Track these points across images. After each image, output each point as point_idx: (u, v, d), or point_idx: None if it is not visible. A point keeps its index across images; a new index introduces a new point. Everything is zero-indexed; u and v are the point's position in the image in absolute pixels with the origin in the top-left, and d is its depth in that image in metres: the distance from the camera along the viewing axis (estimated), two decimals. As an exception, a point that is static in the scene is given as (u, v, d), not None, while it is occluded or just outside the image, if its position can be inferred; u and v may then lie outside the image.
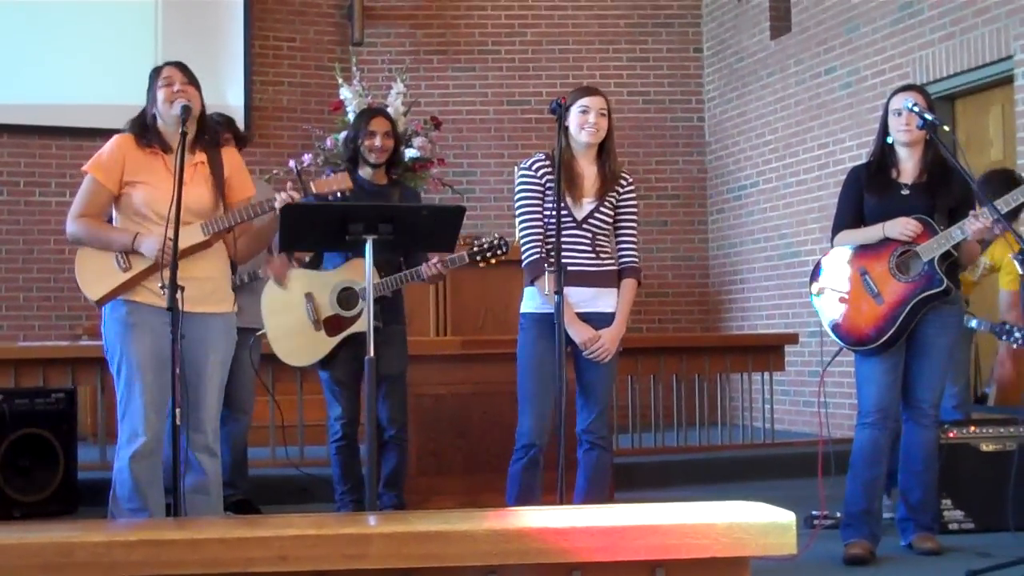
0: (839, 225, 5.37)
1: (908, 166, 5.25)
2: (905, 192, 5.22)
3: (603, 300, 5.09)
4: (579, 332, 5.00)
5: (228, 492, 5.93)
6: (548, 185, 5.04)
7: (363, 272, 4.84)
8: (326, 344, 5.65)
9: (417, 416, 6.46)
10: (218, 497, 4.70)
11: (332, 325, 5.65)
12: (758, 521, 2.69)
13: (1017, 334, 5.37)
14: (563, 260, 4.90)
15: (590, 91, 5.10)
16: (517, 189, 5.16)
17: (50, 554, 2.66)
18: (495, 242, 5.55)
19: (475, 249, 5.52)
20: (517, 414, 5.16)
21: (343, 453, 5.76)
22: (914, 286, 5.12)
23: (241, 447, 6.26)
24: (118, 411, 4.61)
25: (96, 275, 4.62)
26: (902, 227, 5.12)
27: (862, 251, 5.24)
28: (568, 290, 4.94)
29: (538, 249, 5.04)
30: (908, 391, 5.31)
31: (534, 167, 5.10)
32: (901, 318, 5.12)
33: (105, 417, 7.26)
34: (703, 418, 8.32)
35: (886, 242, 5.17)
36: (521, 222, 5.13)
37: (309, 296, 5.68)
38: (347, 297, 5.64)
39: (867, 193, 5.28)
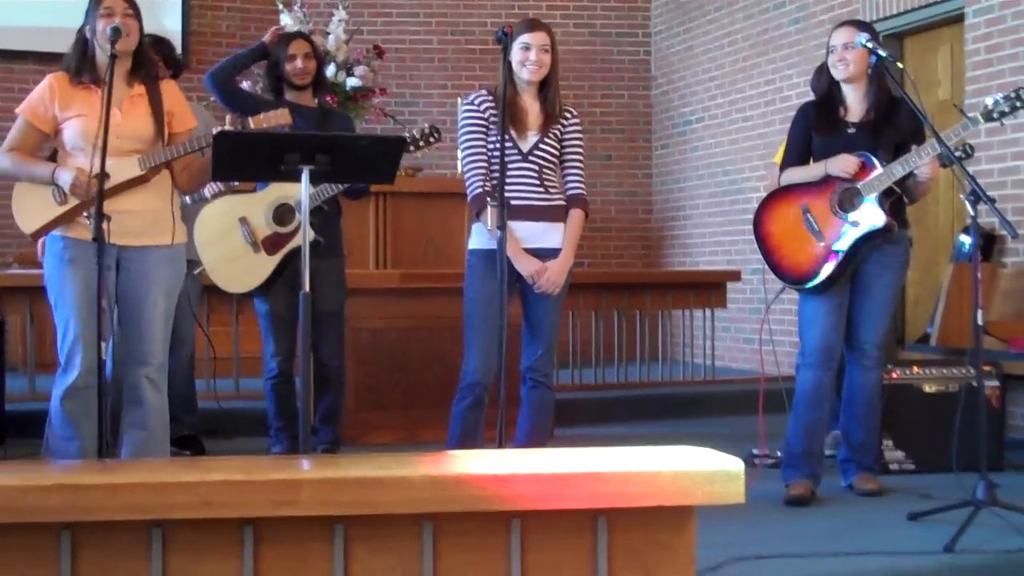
0: (786, 163, 5.29)
1: (854, 104, 5.16)
2: (851, 130, 5.13)
3: (551, 235, 5.00)
4: (526, 265, 4.91)
5: (179, 427, 5.84)
6: (492, 119, 4.93)
7: (294, 187, 4.71)
8: (268, 264, 5.55)
9: (355, 351, 6.36)
10: (163, 432, 4.59)
11: (271, 244, 5.53)
12: (705, 469, 2.60)
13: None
14: (510, 195, 4.83)
15: (533, 26, 4.97)
16: (461, 124, 5.05)
17: (-40, 499, 2.52)
18: (426, 129, 5.54)
19: (408, 140, 5.43)
20: (457, 350, 5.06)
21: (279, 390, 5.66)
22: (856, 224, 5.04)
23: (184, 379, 6.12)
24: (58, 345, 4.52)
25: (31, 208, 4.53)
26: (843, 164, 5.03)
27: (805, 189, 5.16)
28: (515, 225, 4.86)
29: (482, 183, 4.93)
30: (851, 332, 5.25)
31: (477, 102, 5.00)
32: (844, 256, 5.04)
33: (35, 347, 7.11)
34: (644, 354, 8.27)
35: (829, 180, 5.09)
36: (465, 157, 5.03)
37: (243, 220, 5.54)
38: (283, 213, 5.53)
39: (814, 132, 5.20)
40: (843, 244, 5.05)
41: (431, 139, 5.56)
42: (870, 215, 5.01)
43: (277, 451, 5.66)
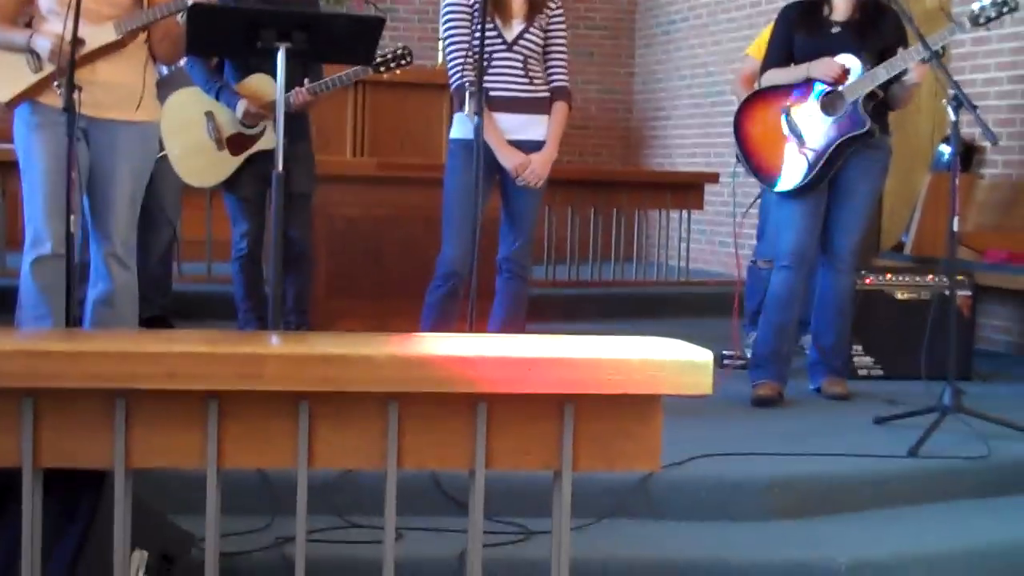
0: (767, 64, 5.24)
1: (840, 3, 5.09)
2: (835, 30, 5.08)
3: (534, 127, 4.96)
4: (509, 157, 4.87)
5: (148, 307, 5.77)
6: (476, 8, 4.86)
7: (265, 90, 4.61)
8: (230, 163, 5.47)
9: (328, 237, 6.32)
10: (131, 310, 4.56)
11: (235, 143, 5.45)
12: (674, 359, 2.58)
13: None
14: (493, 85, 4.79)
15: None
16: (443, 13, 5.00)
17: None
18: (398, 51, 5.45)
19: (378, 60, 5.34)
20: (431, 241, 5.04)
21: (247, 270, 5.60)
22: (837, 127, 5.00)
23: (161, 260, 6.06)
24: (24, 216, 4.46)
25: (6, 76, 4.41)
26: (826, 67, 4.98)
27: (786, 91, 5.11)
28: (499, 116, 4.84)
29: (463, 74, 4.87)
30: (827, 236, 5.24)
31: None
32: (823, 160, 5.01)
33: (6, 223, 7.03)
34: (619, 254, 8.24)
35: (811, 82, 5.04)
36: (447, 47, 4.98)
37: (209, 115, 5.47)
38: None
39: (796, 32, 5.14)
40: (825, 148, 5.01)
41: (403, 61, 5.47)
42: (853, 119, 4.97)
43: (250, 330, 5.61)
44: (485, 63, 4.72)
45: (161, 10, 4.40)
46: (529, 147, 4.94)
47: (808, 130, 5.03)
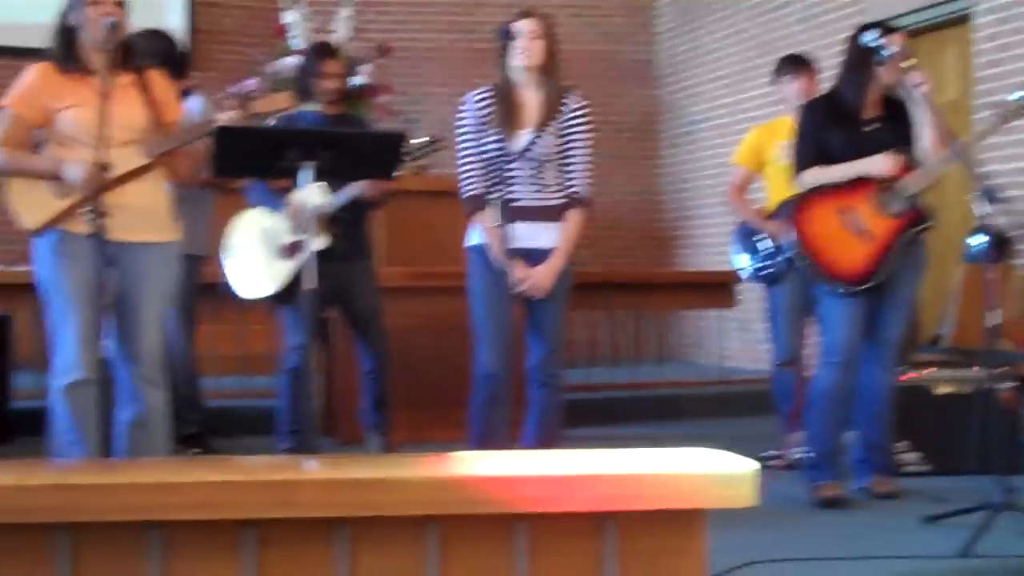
0: (803, 162, 5.16)
1: (869, 101, 5.09)
2: (870, 128, 5.06)
3: (546, 235, 4.92)
4: (512, 272, 4.85)
5: (184, 425, 5.77)
6: (488, 117, 4.88)
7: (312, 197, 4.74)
8: (285, 268, 5.52)
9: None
10: (164, 430, 4.50)
11: (290, 250, 5.51)
12: (717, 471, 2.53)
13: None
14: (506, 194, 4.80)
15: (522, 14, 4.97)
16: (455, 126, 5.02)
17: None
18: (425, 140, 5.49)
19: (407, 150, 5.38)
20: (463, 348, 5.02)
21: (296, 383, 5.48)
22: (902, 222, 4.99)
23: (185, 377, 6.04)
24: (52, 343, 4.43)
25: (35, 203, 4.39)
26: (882, 163, 4.97)
27: (837, 190, 5.07)
28: (511, 225, 4.82)
29: (473, 185, 4.89)
30: (874, 330, 5.18)
31: (475, 99, 4.97)
32: (892, 255, 5.00)
33: (42, 345, 7.04)
34: (654, 354, 8.20)
35: (861, 179, 5.03)
36: (459, 159, 4.99)
37: (266, 230, 5.60)
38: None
39: (829, 129, 5.10)
40: (894, 243, 5.01)
41: (429, 149, 5.50)
42: (917, 212, 4.99)
43: (285, 447, 5.57)
44: (498, 171, 4.76)
45: (190, 132, 4.42)
46: (540, 256, 4.91)
47: (875, 226, 5.01)
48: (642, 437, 6.63)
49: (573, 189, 4.96)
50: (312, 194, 5.33)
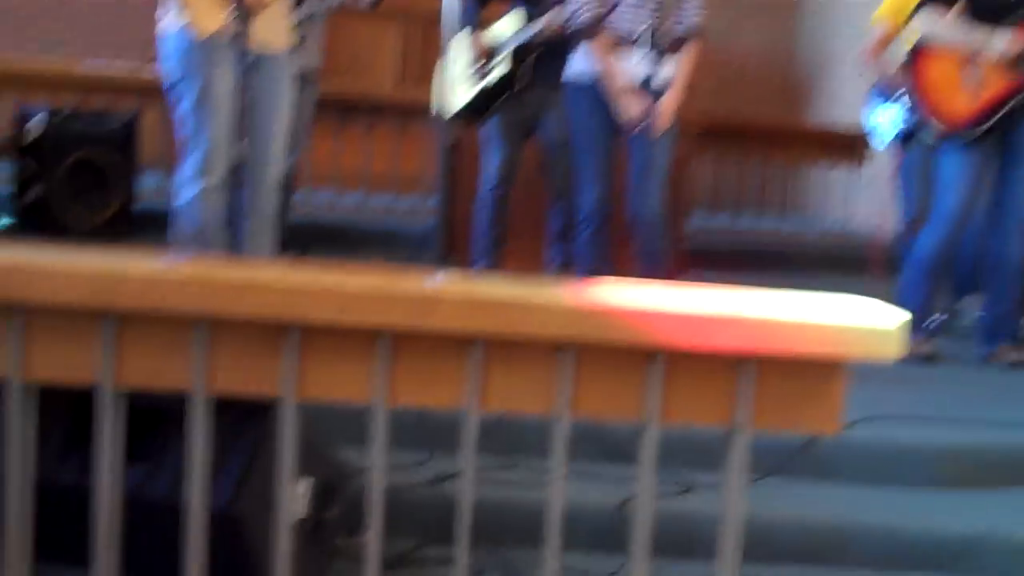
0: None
1: None
2: None
3: (662, 68, 4.79)
4: (628, 105, 4.73)
5: None
6: None
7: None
8: (471, 91, 5.57)
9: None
10: (274, 241, 4.57)
11: (482, 73, 5.55)
12: (863, 323, 2.46)
13: None
14: (621, 23, 4.67)
15: None
16: None
17: (93, 286, 2.48)
18: None
19: None
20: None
21: (496, 203, 5.64)
22: (1020, 81, 4.81)
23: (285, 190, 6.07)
24: (183, 146, 4.47)
25: (206, 7, 4.31)
26: (1000, 40, 4.79)
27: (965, 45, 4.90)
28: (624, 57, 4.68)
29: (588, 10, 4.74)
30: (999, 198, 5.04)
31: None
32: (1006, 109, 4.83)
33: (167, 147, 7.13)
34: (777, 207, 8.07)
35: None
36: None
37: (466, 51, 5.62)
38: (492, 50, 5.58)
39: None
40: (1007, 98, 4.83)
41: None
42: None
43: (481, 265, 5.69)
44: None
45: None
46: (656, 90, 4.78)
47: (989, 77, 4.84)
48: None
49: (691, 21, 4.81)
50: (507, 24, 5.35)
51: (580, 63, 4.85)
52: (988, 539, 3.49)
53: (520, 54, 5.42)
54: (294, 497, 2.80)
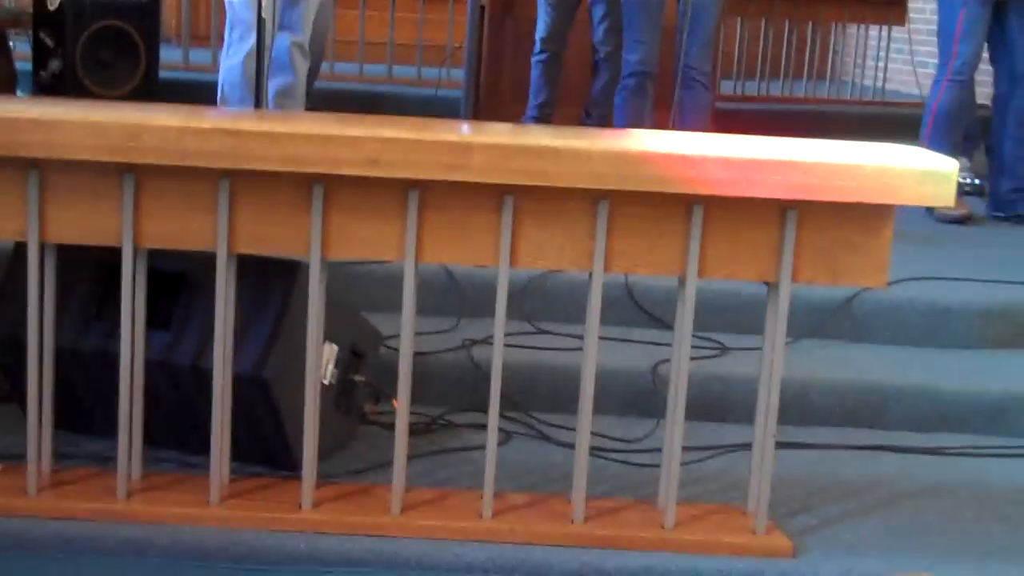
0: None
1: None
2: None
3: None
4: None
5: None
6: None
7: None
8: None
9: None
10: (303, 102, 4.49)
11: None
12: (914, 166, 2.36)
13: None
14: None
15: None
16: None
17: (116, 135, 2.38)
18: None
19: None
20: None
21: (544, 67, 5.59)
22: None
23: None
24: (228, 11, 4.41)
25: None
26: None
27: None
28: None
29: None
30: (1014, 56, 4.94)
31: None
32: None
33: (190, 18, 7.01)
34: (812, 71, 7.88)
35: None
36: None
37: None
38: None
39: None
40: None
41: None
42: None
43: (530, 117, 5.62)
44: None
45: None
46: None
47: None
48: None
49: None
50: None
51: None
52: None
53: None
54: (322, 361, 2.74)
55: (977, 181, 5.59)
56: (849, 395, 3.41)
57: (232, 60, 4.39)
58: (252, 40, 4.23)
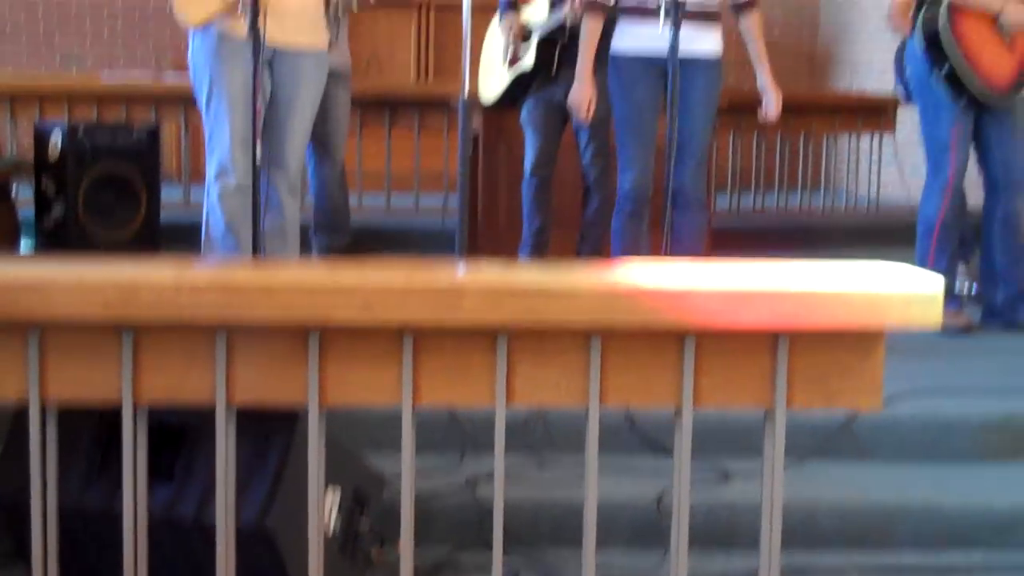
0: None
1: None
2: None
3: (703, 37, 4.70)
4: (578, 89, 4.78)
5: (339, 238, 5.88)
6: None
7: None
8: (505, 78, 5.60)
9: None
10: (295, 241, 4.54)
11: (512, 61, 5.56)
12: (900, 289, 2.38)
13: None
14: None
15: None
16: None
17: (111, 294, 2.42)
18: None
19: None
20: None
21: (535, 193, 5.65)
22: None
23: (339, 190, 6.03)
24: (206, 147, 4.44)
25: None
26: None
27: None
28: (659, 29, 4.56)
29: None
30: (996, 163, 5.01)
31: None
32: None
33: (189, 157, 7.10)
34: (806, 182, 7.96)
35: None
36: None
37: (500, 39, 5.67)
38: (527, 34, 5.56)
39: None
40: None
41: None
42: None
43: (524, 255, 5.67)
44: None
45: None
46: (700, 63, 4.68)
47: (1019, 39, 4.81)
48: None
49: None
50: (534, 11, 5.34)
51: (622, 40, 4.76)
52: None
53: (544, 44, 5.38)
54: (325, 509, 2.74)
55: (975, 289, 5.61)
56: (855, 516, 3.41)
57: (208, 199, 4.42)
58: (231, 179, 4.30)
